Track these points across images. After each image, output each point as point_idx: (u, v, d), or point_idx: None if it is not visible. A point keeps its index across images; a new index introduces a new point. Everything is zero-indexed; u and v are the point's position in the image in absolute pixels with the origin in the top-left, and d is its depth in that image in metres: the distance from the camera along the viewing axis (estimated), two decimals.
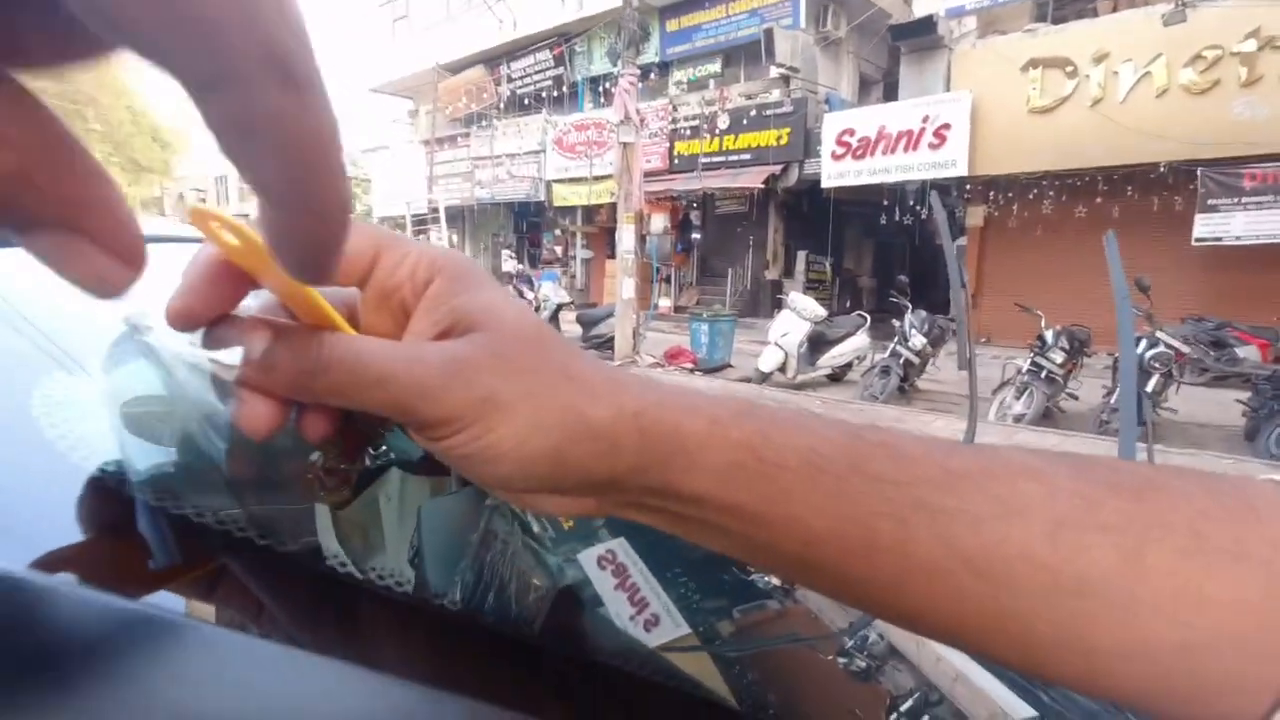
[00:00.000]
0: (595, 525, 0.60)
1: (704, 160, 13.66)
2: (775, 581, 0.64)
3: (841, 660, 0.59)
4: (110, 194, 0.18)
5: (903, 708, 0.55)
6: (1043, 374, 6.02)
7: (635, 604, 0.53)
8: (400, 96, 22.18)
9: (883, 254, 15.90)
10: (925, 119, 10.93)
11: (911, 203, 12.38)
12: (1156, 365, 5.47)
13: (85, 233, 0.18)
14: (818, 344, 7.53)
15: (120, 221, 0.18)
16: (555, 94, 16.95)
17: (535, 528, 0.59)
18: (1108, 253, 0.76)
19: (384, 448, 0.56)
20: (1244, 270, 9.08)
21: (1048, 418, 6.12)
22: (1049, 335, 6.09)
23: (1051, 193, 10.33)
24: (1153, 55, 9.16)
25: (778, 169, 12.82)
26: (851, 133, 11.72)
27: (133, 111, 19.56)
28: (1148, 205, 9.63)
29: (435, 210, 16.74)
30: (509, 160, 16.93)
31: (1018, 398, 5.99)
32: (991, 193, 11.00)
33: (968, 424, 0.87)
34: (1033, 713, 0.59)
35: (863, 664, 0.59)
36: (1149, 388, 5.50)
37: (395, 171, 19.89)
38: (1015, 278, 10.38)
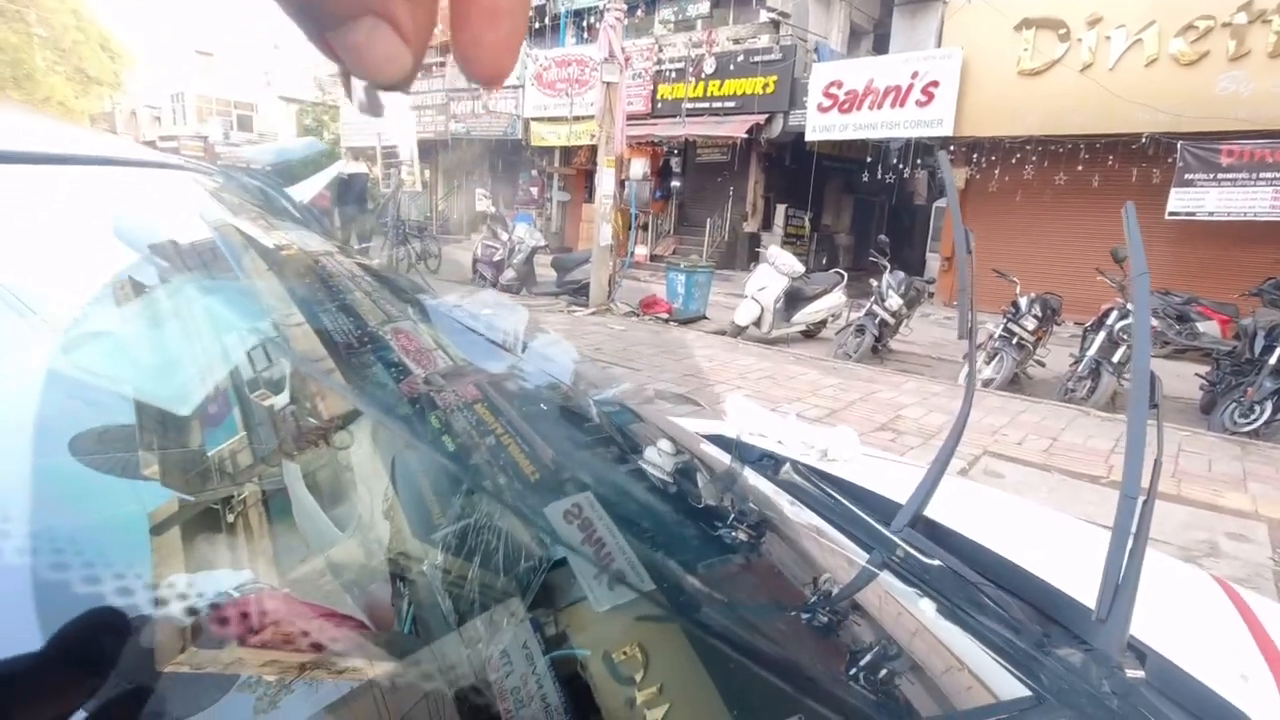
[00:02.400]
0: (562, 479, 0.59)
1: (687, 106, 13.35)
2: (741, 537, 0.63)
3: (804, 616, 0.58)
4: None
5: (862, 661, 0.54)
6: (1014, 340, 6.10)
7: (601, 559, 0.52)
8: None
9: (862, 212, 15.88)
10: (915, 75, 10.76)
11: (895, 161, 12.30)
12: (1125, 336, 5.57)
13: (386, 19, 0.21)
14: (794, 300, 7.51)
15: (414, 7, 0.21)
16: (537, 25, 16.27)
17: (503, 481, 0.56)
18: (1126, 224, 0.72)
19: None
20: (1213, 246, 9.25)
21: (1014, 383, 6.23)
22: (1023, 302, 6.14)
23: (1034, 158, 10.33)
24: (1146, 22, 9.09)
25: (762, 119, 12.59)
26: (839, 84, 11.51)
27: (78, 17, 18.28)
28: (1126, 175, 9.69)
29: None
30: (486, 94, 16.33)
31: (987, 362, 6.07)
32: (975, 155, 10.95)
33: (964, 399, 0.83)
34: (1026, 692, 0.57)
35: (825, 619, 0.59)
36: (1115, 358, 5.61)
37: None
38: (993, 242, 10.43)
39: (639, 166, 13.67)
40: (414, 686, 0.44)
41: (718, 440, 1.00)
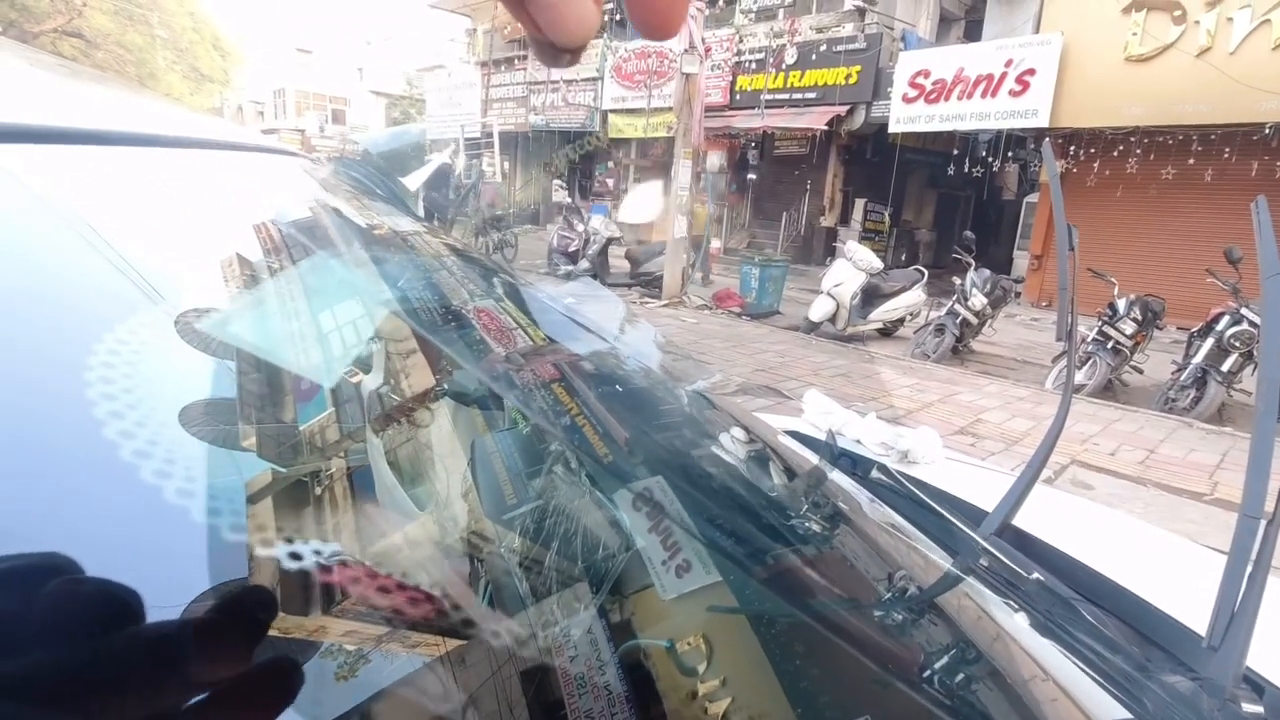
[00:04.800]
0: (635, 463, 0.58)
1: (766, 97, 13.12)
2: (815, 530, 0.61)
3: (877, 614, 0.56)
4: None
5: (937, 664, 0.52)
6: (1109, 344, 5.74)
7: (668, 548, 0.52)
8: (459, 14, 21.69)
9: (946, 207, 15.26)
10: (1008, 63, 10.23)
11: (984, 154, 11.74)
12: (1236, 344, 5.15)
13: None
14: (871, 296, 7.29)
15: None
16: (617, 18, 16.32)
17: (576, 463, 0.56)
18: (1256, 220, 0.65)
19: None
20: None
21: (1108, 390, 5.86)
22: (1121, 304, 5.77)
23: (1139, 150, 9.64)
24: (1275, 1, 8.32)
25: (843, 110, 12.24)
26: (926, 74, 11.06)
27: (194, 19, 19.56)
28: (1245, 169, 8.93)
29: (489, 135, 16.58)
30: (565, 86, 16.52)
31: (1079, 367, 5.73)
32: (1072, 147, 10.32)
33: (1061, 403, 0.78)
34: (1126, 715, 0.53)
35: (899, 618, 0.56)
36: (1224, 366, 5.20)
37: (450, 92, 19.63)
38: (1089, 240, 9.79)
39: (715, 159, 13.57)
40: (483, 665, 0.45)
41: (794, 435, 0.98)
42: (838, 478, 0.74)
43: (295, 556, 0.39)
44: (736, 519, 0.59)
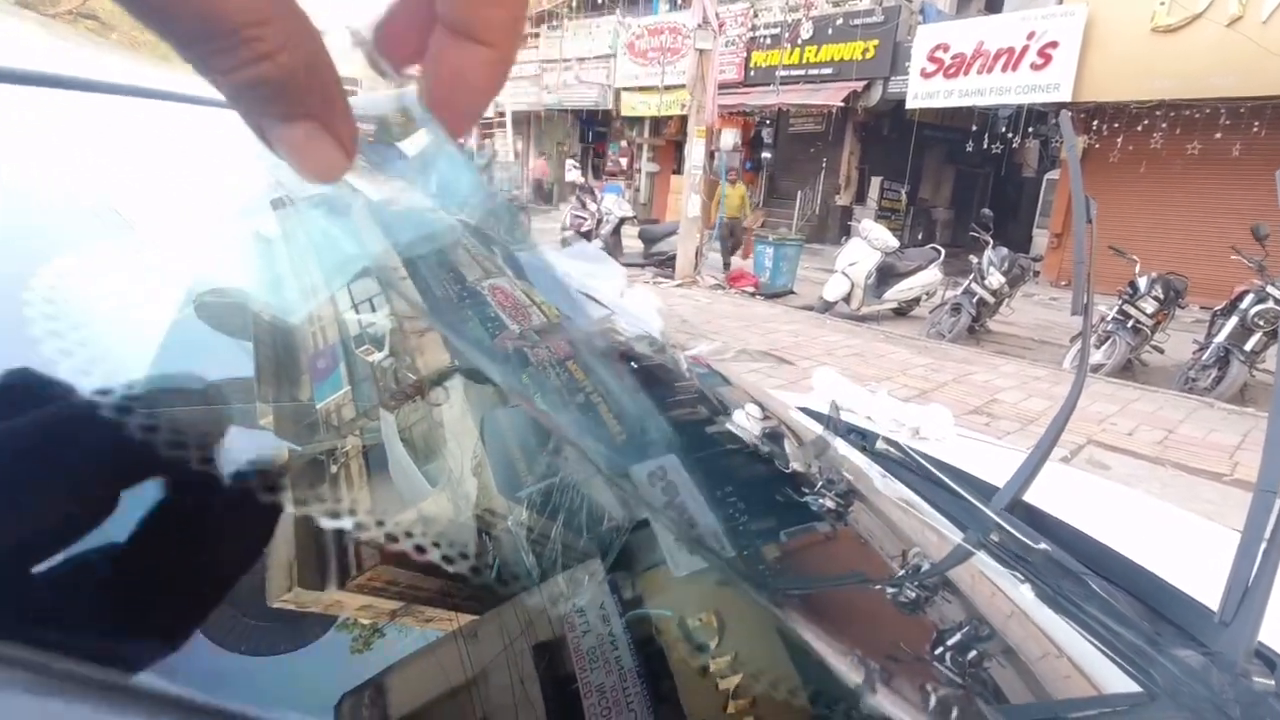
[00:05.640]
0: (649, 440, 0.58)
1: (782, 73, 12.93)
2: (828, 505, 0.62)
3: (889, 590, 0.57)
4: (340, 87, 0.22)
5: (950, 641, 0.52)
6: (1129, 323, 5.66)
7: (683, 523, 0.52)
8: None
9: (964, 184, 15.02)
10: (1030, 35, 9.99)
11: (1003, 130, 11.53)
12: (1260, 322, 5.06)
13: (321, 122, 0.21)
14: (886, 275, 7.22)
15: (345, 112, 0.22)
16: None
17: (589, 440, 0.57)
18: None
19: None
20: None
21: (1127, 369, 5.79)
22: (1142, 282, 5.67)
23: (1164, 124, 9.42)
24: None
25: (860, 86, 12.05)
26: (945, 48, 10.84)
27: None
28: (1275, 143, 8.70)
29: (501, 114, 16.49)
30: (578, 64, 16.36)
31: (1098, 346, 5.66)
32: (1095, 122, 10.10)
33: (1075, 380, 0.78)
34: (1136, 688, 0.54)
35: (912, 594, 0.56)
36: (1247, 346, 5.11)
37: None
38: (1110, 217, 9.60)
39: (729, 137, 13.40)
40: (495, 640, 0.46)
41: (806, 412, 0.98)
42: (848, 451, 0.74)
43: (314, 526, 0.40)
44: (749, 495, 0.59)
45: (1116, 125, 9.95)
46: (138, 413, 0.30)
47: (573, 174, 12.37)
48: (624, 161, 17.04)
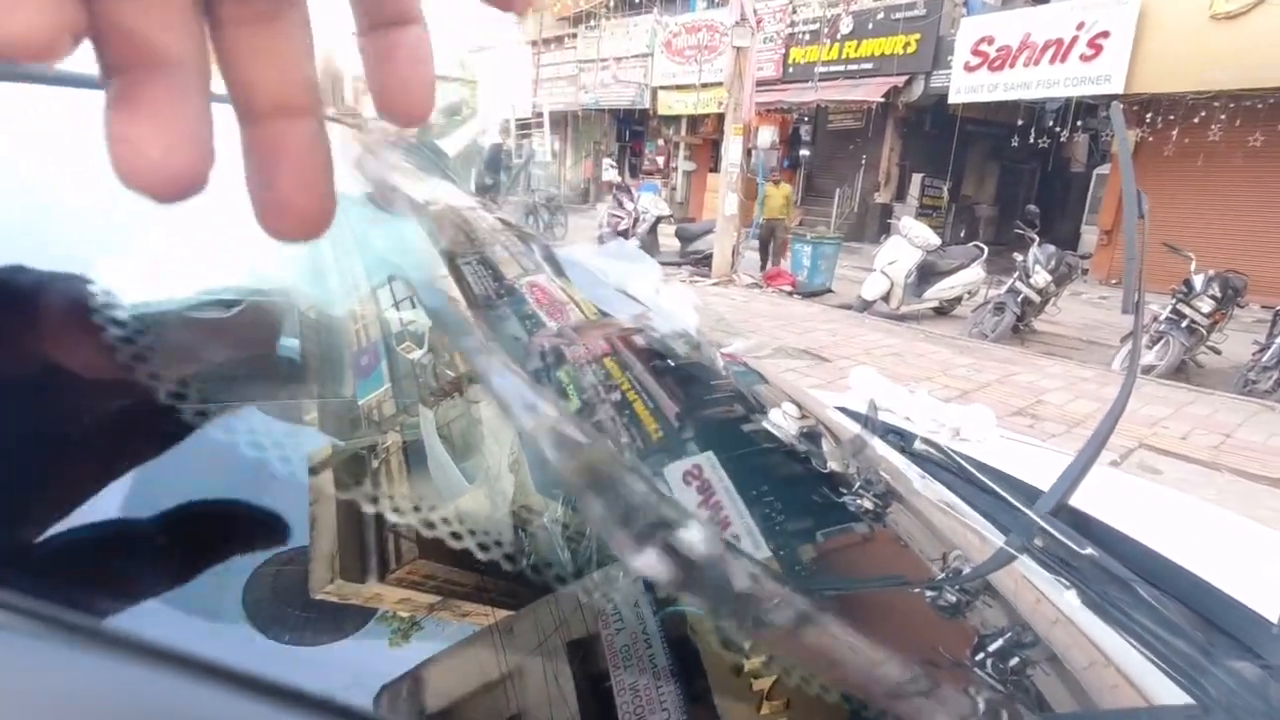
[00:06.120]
0: (684, 439, 0.58)
1: (820, 70, 12.76)
2: (866, 507, 0.61)
3: (929, 593, 0.55)
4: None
5: (991, 647, 0.50)
6: (1183, 323, 5.45)
7: (718, 523, 0.52)
8: None
9: (1008, 180, 14.63)
10: (1080, 25, 9.68)
11: (1050, 124, 11.19)
12: None
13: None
14: (927, 274, 7.08)
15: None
16: None
17: (625, 439, 0.57)
18: None
19: None
20: None
21: (1181, 371, 5.58)
22: (1198, 281, 5.46)
23: (1223, 116, 9.03)
24: None
25: (900, 81, 11.82)
26: (990, 40, 10.57)
27: None
28: None
29: (539, 115, 16.62)
30: (615, 64, 16.40)
31: (1150, 347, 5.47)
32: (1149, 114, 9.73)
33: (1125, 380, 0.75)
34: (1189, 700, 0.52)
35: (952, 598, 0.55)
36: None
37: (500, 73, 19.71)
38: (1164, 213, 9.27)
39: (767, 134, 13.29)
40: (529, 636, 0.46)
41: (843, 411, 0.96)
42: (886, 452, 0.73)
43: (357, 516, 0.41)
44: (786, 495, 0.58)
45: (1172, 118, 9.58)
46: (188, 408, 0.31)
47: (609, 173, 12.40)
48: (661, 160, 17.02)
